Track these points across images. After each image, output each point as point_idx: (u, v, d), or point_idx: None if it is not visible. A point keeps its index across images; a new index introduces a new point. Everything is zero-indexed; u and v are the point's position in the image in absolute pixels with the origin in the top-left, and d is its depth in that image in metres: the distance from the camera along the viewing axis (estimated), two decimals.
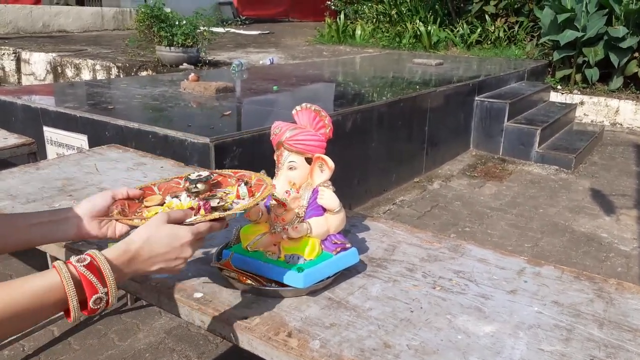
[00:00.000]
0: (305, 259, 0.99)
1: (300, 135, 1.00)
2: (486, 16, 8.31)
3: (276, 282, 0.99)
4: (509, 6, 8.19)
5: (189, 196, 0.94)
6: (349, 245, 1.04)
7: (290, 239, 1.00)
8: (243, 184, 0.97)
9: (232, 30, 10.65)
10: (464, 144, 4.94)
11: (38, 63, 6.77)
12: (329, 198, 1.00)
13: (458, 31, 8.54)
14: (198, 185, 0.97)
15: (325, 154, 1.01)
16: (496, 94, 5.13)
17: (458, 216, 3.47)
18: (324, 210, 1.01)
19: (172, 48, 5.87)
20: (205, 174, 1.01)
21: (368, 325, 0.90)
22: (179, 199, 0.94)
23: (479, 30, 8.31)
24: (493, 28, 8.22)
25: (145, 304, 2.33)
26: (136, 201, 0.97)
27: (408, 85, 4.64)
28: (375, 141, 3.55)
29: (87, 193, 1.48)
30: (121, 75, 5.89)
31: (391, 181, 3.86)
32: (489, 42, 8.26)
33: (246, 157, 2.50)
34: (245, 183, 0.98)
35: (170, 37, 5.82)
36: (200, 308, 0.95)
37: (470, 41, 8.30)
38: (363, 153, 3.48)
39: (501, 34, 8.14)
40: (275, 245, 1.03)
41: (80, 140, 2.80)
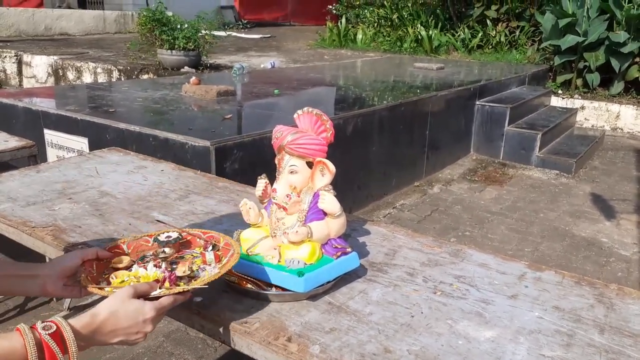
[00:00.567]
0: (305, 263, 0.99)
1: (302, 139, 1.00)
2: (487, 21, 8.32)
3: (276, 287, 0.99)
4: (510, 11, 8.21)
5: (156, 266, 0.94)
6: (349, 249, 1.04)
7: (290, 243, 1.00)
8: (210, 249, 1.00)
9: (234, 33, 10.68)
10: (465, 148, 4.94)
11: (39, 66, 6.78)
12: (329, 202, 1.00)
13: (459, 35, 8.56)
14: (165, 250, 1.00)
15: (327, 158, 1.01)
16: (497, 98, 5.14)
17: (458, 220, 3.46)
18: (325, 214, 1.01)
19: (174, 51, 5.88)
20: (174, 235, 1.04)
21: (368, 330, 0.90)
22: (146, 268, 0.94)
23: (480, 34, 8.32)
24: (494, 33, 8.23)
25: None
26: (103, 262, 0.99)
27: (409, 89, 4.64)
28: (376, 145, 3.55)
29: (87, 196, 1.48)
30: (122, 78, 5.90)
31: (391, 185, 3.86)
32: (490, 47, 8.27)
33: (247, 161, 2.50)
34: (213, 247, 1.01)
35: (171, 41, 5.84)
36: (199, 312, 0.95)
37: (471, 46, 8.32)
38: (364, 157, 3.48)
39: (502, 39, 8.16)
40: (275, 249, 1.03)
41: (80, 143, 2.80)
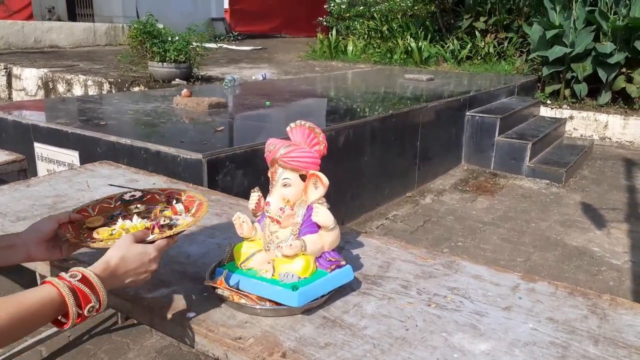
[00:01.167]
0: (299, 277, 0.98)
1: (295, 152, 1.00)
2: (476, 32, 8.42)
3: (270, 301, 0.98)
4: (499, 22, 8.32)
5: (139, 217, 1.06)
6: (343, 262, 1.04)
7: (284, 256, 1.00)
8: (174, 202, 1.10)
9: (225, 45, 10.71)
10: (456, 158, 4.97)
11: (29, 79, 6.75)
12: (323, 215, 1.00)
13: (448, 47, 8.65)
14: (139, 206, 1.10)
15: (319, 171, 1.01)
16: (487, 109, 5.18)
17: (451, 231, 3.47)
18: (319, 227, 1.01)
19: (165, 64, 5.88)
20: (138, 193, 1.14)
21: (363, 345, 0.89)
22: (132, 220, 1.05)
23: (469, 46, 8.41)
24: (483, 44, 8.33)
25: (136, 322, 2.30)
26: (76, 224, 1.06)
27: (400, 100, 4.67)
28: (367, 156, 3.56)
29: None
30: (113, 91, 5.88)
31: (384, 196, 3.87)
32: (479, 58, 8.36)
33: (239, 173, 2.50)
34: (177, 200, 1.11)
35: (162, 53, 5.84)
36: (193, 328, 0.94)
37: (460, 57, 8.40)
38: (356, 168, 3.49)
39: (491, 50, 8.25)
40: (269, 263, 1.03)
41: (71, 156, 2.78)
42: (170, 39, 5.91)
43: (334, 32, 10.29)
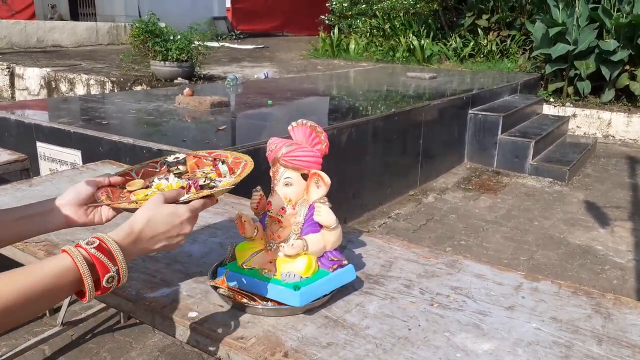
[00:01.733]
0: (301, 277, 0.98)
1: (297, 152, 0.99)
2: (479, 30, 8.40)
3: (272, 301, 0.98)
4: (501, 20, 8.29)
5: (176, 176, 0.97)
6: (345, 262, 1.03)
7: (286, 256, 0.99)
8: (221, 163, 1.01)
9: (227, 44, 10.70)
10: (459, 156, 4.96)
11: (32, 78, 6.76)
12: (325, 214, 0.99)
13: (451, 45, 8.62)
14: (180, 167, 1.02)
15: (321, 170, 1.00)
16: (490, 107, 5.17)
17: (453, 229, 3.46)
18: (321, 226, 1.00)
19: (167, 63, 5.88)
20: (182, 156, 1.05)
21: (365, 344, 0.89)
22: (167, 180, 0.96)
23: (471, 43, 8.39)
24: (485, 42, 8.30)
25: (138, 321, 2.30)
26: (118, 188, 0.99)
27: (402, 98, 4.66)
28: (370, 155, 3.56)
29: None
30: (115, 90, 5.89)
31: (386, 194, 3.86)
32: (482, 56, 8.34)
33: None
34: (223, 162, 1.02)
35: (164, 52, 5.84)
36: (194, 327, 0.94)
37: (463, 55, 8.38)
38: (358, 167, 3.48)
39: (494, 48, 8.23)
40: (271, 262, 1.02)
41: (73, 155, 2.79)
42: (172, 37, 5.91)
43: (336, 31, 10.27)
